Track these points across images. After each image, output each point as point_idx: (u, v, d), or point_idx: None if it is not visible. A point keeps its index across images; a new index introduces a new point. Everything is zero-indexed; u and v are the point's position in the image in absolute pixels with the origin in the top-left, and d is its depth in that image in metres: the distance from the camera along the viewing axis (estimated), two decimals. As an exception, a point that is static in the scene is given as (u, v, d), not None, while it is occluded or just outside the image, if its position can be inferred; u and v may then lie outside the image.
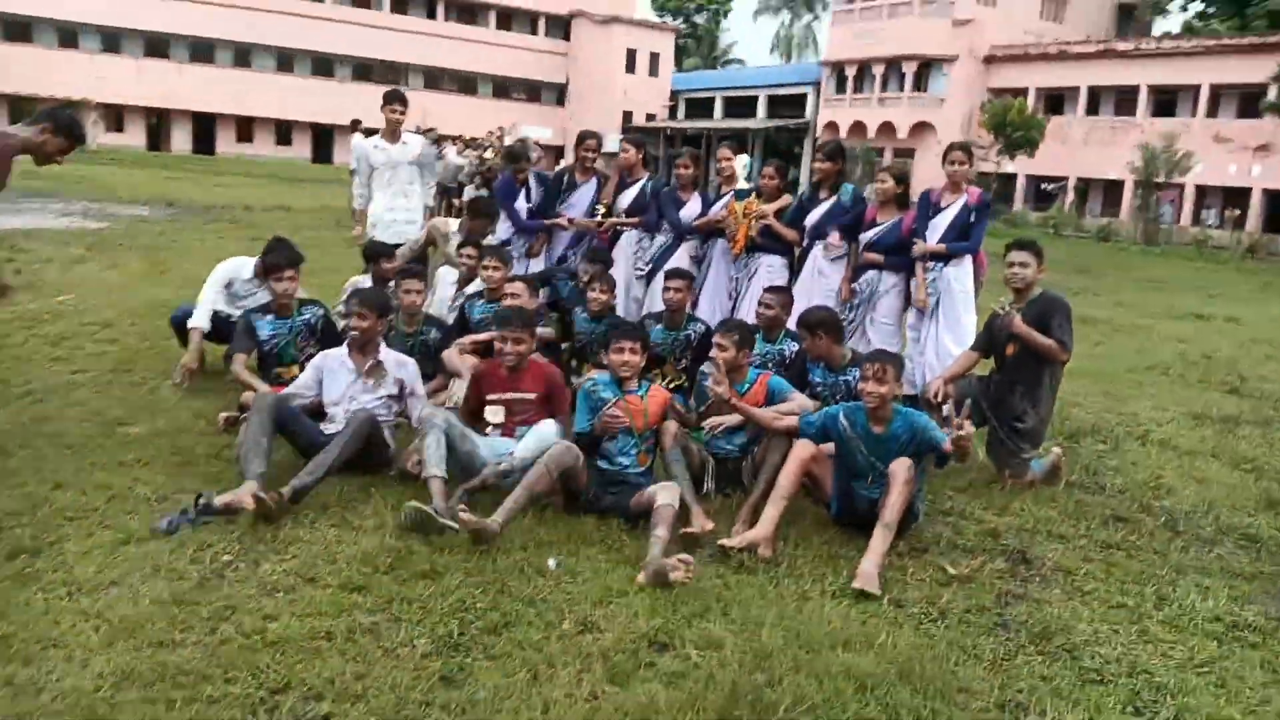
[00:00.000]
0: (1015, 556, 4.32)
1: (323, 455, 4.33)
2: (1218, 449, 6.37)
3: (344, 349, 4.98)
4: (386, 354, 4.99)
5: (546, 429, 4.62)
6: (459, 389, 5.34)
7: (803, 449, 4.36)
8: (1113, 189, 41.28)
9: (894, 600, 3.78)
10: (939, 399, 5.21)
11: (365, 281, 6.58)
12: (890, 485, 4.15)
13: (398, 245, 7.10)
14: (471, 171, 18.12)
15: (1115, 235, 35.58)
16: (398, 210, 7.55)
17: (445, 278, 6.91)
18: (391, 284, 6.10)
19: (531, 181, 7.41)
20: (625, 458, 4.59)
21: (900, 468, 4.16)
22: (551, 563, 3.86)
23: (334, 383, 4.89)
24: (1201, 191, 39.01)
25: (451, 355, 5.72)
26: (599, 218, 7.15)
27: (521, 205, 7.31)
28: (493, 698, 2.90)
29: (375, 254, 6.63)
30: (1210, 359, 9.79)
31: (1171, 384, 8.50)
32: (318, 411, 4.90)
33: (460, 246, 6.79)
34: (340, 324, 5.60)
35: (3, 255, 10.68)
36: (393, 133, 7.45)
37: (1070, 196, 42.17)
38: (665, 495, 4.12)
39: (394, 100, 7.43)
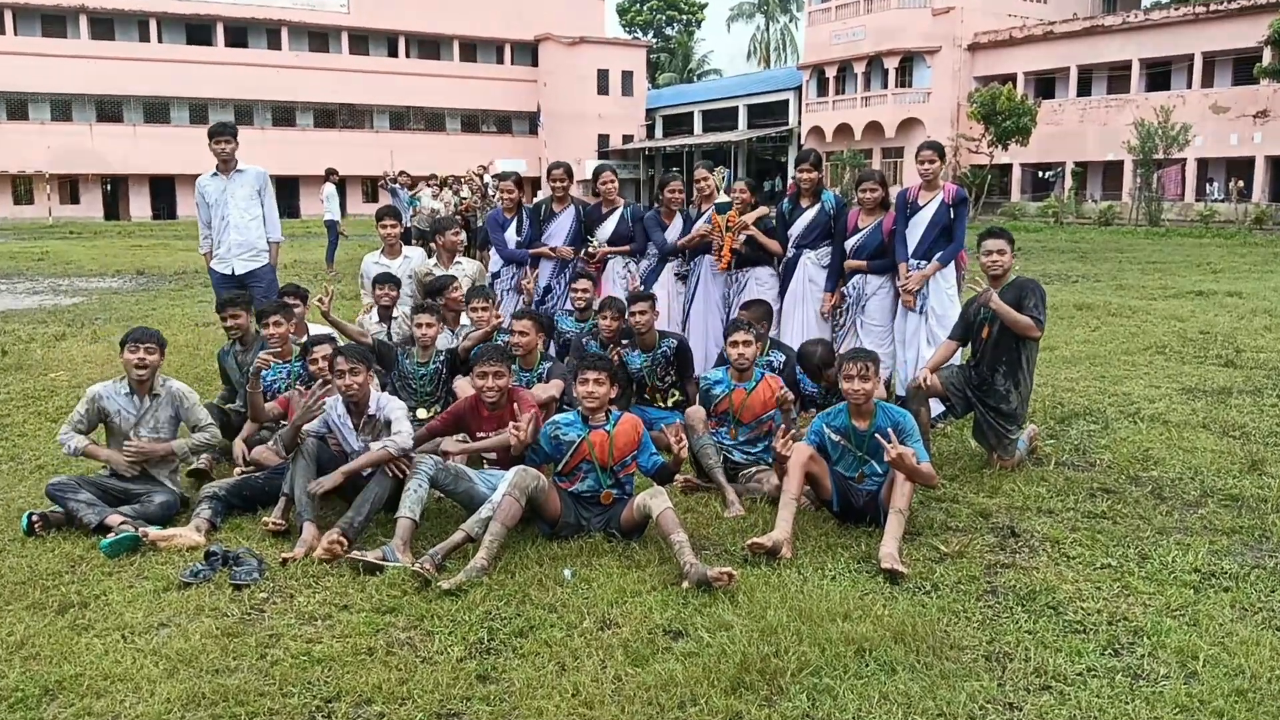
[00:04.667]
0: (1004, 531, 4.82)
1: (363, 495, 4.82)
2: (1208, 420, 6.86)
3: (339, 402, 5.27)
4: (374, 404, 5.24)
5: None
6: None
7: (802, 452, 4.84)
8: (1113, 170, 41.97)
9: (889, 578, 4.26)
10: (927, 387, 5.72)
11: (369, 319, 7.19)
12: (895, 475, 4.64)
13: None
14: (450, 214, 18.71)
15: (1117, 218, 36.26)
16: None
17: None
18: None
19: (523, 214, 7.99)
20: (589, 496, 4.85)
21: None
22: (566, 573, 4.35)
23: (344, 435, 5.25)
24: (1204, 165, 39.70)
25: (463, 385, 6.05)
26: (591, 249, 7.72)
27: (512, 236, 7.90)
28: (526, 688, 3.39)
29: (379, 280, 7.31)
30: (1207, 334, 10.29)
31: (1166, 362, 8.99)
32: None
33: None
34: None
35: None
36: (391, 247, 8.06)
37: (1069, 182, 42.82)
38: (659, 502, 4.48)
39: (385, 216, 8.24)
